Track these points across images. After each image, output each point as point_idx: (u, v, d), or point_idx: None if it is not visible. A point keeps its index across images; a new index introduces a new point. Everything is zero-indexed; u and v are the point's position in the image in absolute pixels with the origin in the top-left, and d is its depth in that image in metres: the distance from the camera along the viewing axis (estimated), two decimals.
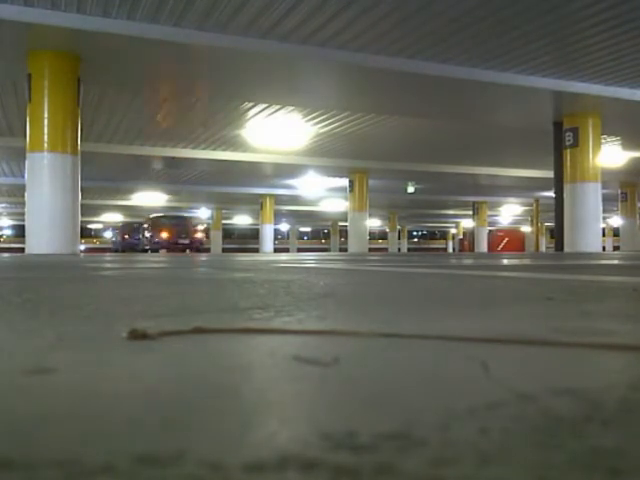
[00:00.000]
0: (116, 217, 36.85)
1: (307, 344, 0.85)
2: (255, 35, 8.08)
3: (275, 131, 14.06)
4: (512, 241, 32.33)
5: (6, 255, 10.22)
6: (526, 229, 39.04)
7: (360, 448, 0.39)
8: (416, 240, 58.31)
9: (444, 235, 55.70)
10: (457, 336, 0.85)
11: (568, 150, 11.79)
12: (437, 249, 52.23)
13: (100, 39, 7.68)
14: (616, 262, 5.05)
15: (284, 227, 47.68)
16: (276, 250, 29.14)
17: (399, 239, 41.46)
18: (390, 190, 23.94)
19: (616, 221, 31.53)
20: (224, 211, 33.08)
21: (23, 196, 8.62)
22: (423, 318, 1.14)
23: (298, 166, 18.81)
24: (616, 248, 35.98)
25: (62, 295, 1.73)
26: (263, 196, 25.71)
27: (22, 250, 9.02)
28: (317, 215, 36.06)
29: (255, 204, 27.29)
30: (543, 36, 8.22)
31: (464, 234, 38.35)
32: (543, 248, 28.85)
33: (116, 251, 29.04)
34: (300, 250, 38.69)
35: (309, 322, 1.06)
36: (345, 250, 27.45)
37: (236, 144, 15.87)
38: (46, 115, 7.92)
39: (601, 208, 11.86)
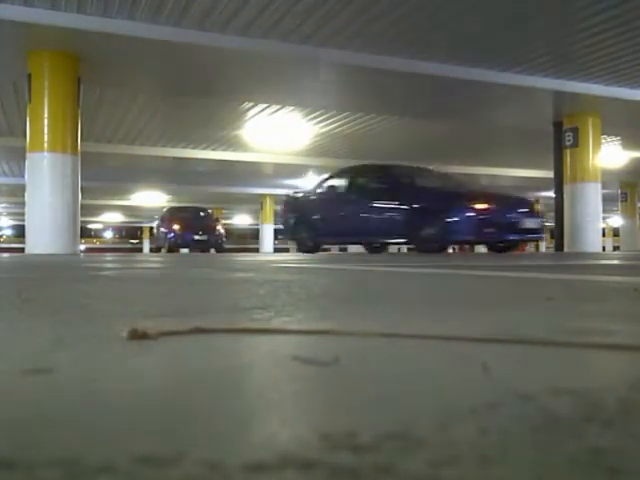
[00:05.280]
0: (116, 217, 36.92)
1: (307, 344, 0.85)
2: (255, 35, 8.09)
3: (275, 131, 14.06)
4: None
5: (6, 255, 10.21)
6: None
7: (360, 448, 0.39)
8: None
9: None
10: (457, 336, 0.85)
11: (568, 150, 11.79)
12: None
13: (100, 39, 7.69)
14: (616, 262, 5.04)
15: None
16: (276, 250, 29.09)
17: None
18: None
19: (616, 221, 31.51)
20: (224, 211, 33.08)
21: (23, 196, 8.62)
22: (423, 318, 1.14)
23: (298, 166, 18.79)
24: (616, 248, 35.95)
25: (62, 295, 1.73)
26: (263, 196, 25.72)
27: (22, 250, 9.01)
28: None
29: (255, 204, 27.28)
30: (543, 36, 8.23)
31: None
32: (543, 248, 28.82)
33: (158, 250, 19.27)
34: None
35: (309, 322, 1.06)
36: (345, 250, 27.43)
37: (236, 144, 15.86)
38: (46, 115, 7.92)
39: (601, 208, 11.86)
